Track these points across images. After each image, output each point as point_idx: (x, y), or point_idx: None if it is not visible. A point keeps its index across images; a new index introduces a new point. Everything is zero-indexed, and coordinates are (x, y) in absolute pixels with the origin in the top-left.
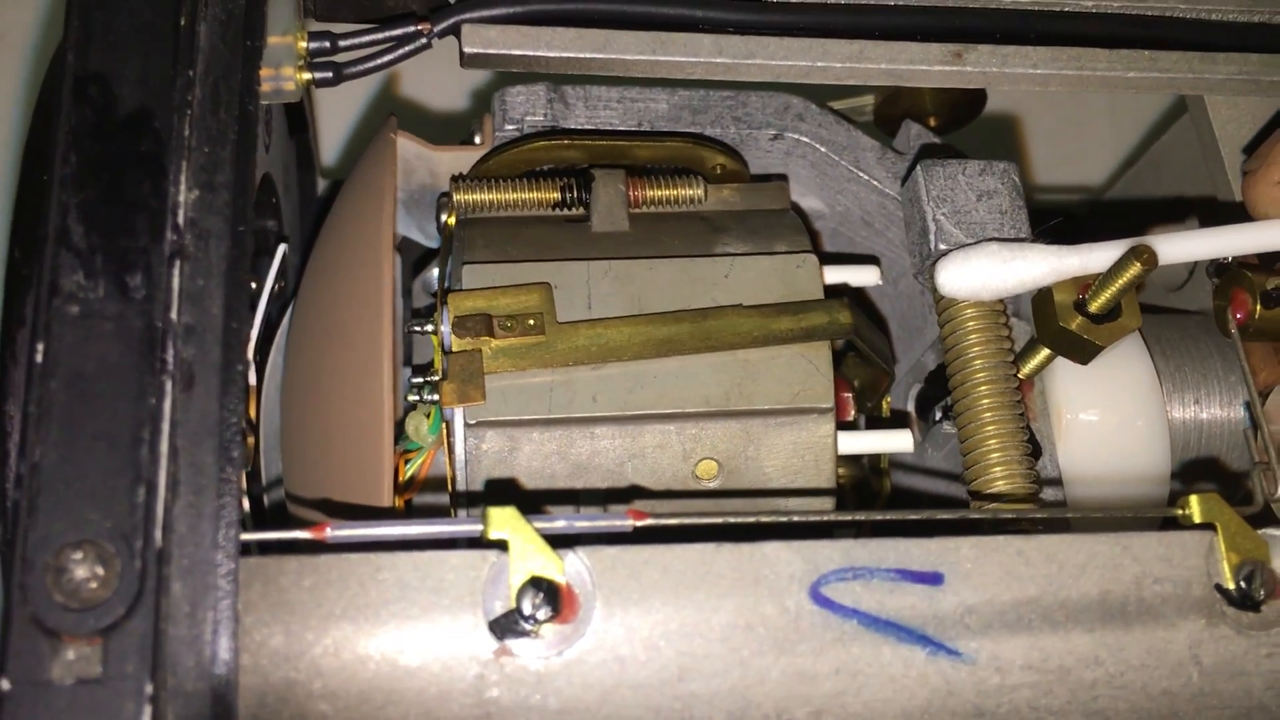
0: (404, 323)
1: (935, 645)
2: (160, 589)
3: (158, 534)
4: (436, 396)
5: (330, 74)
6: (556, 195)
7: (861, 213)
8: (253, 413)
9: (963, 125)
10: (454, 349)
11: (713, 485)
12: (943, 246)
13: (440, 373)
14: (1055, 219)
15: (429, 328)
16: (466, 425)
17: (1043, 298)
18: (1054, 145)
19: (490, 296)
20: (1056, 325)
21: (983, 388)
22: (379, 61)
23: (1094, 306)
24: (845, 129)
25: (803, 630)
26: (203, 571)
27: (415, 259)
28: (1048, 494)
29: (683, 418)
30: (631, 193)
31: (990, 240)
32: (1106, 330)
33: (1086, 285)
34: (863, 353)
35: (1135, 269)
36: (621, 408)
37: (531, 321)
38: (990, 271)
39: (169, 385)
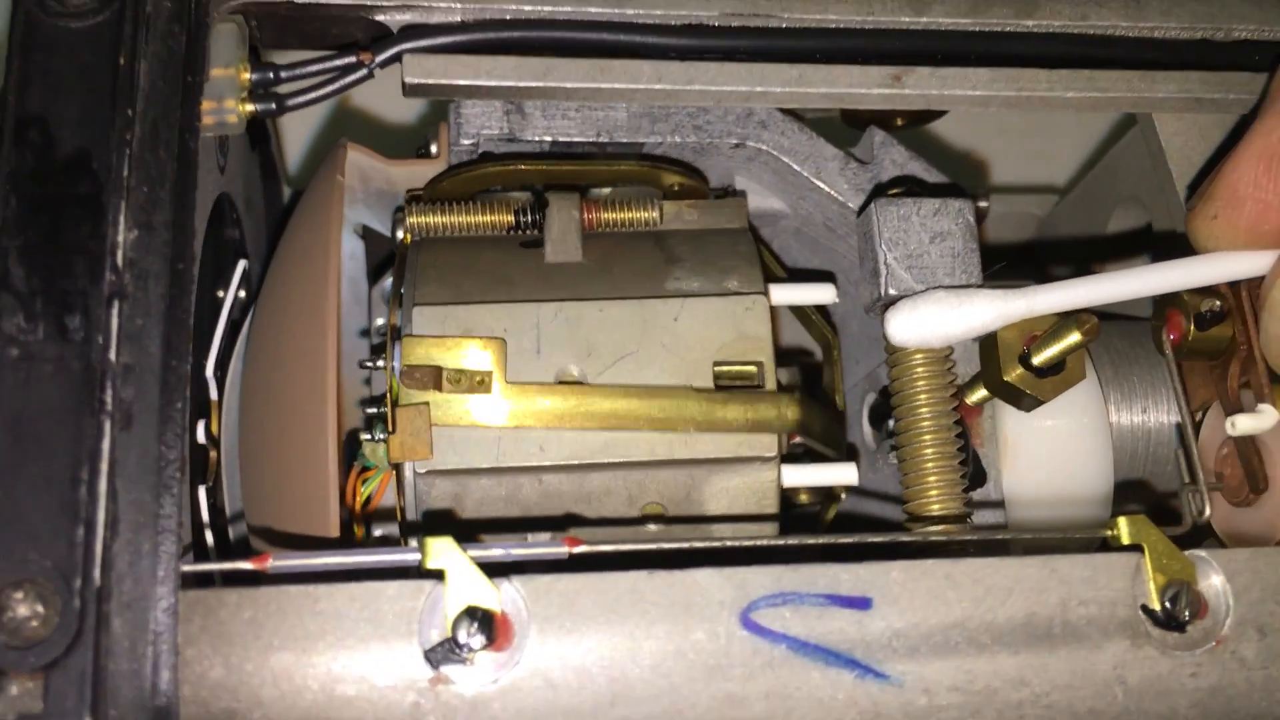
0: (364, 315)
1: (863, 669)
2: (100, 626)
3: (96, 572)
4: (384, 438)
5: (273, 105)
6: (511, 219)
7: (824, 218)
8: (215, 428)
9: (929, 123)
10: (401, 400)
11: (657, 529)
12: (893, 292)
13: (390, 419)
14: (1000, 263)
15: (381, 364)
16: (416, 474)
17: (989, 344)
18: (1017, 145)
19: (442, 346)
20: (1000, 378)
21: (926, 436)
22: (322, 92)
23: (1037, 362)
24: (808, 137)
25: (733, 656)
26: (142, 607)
27: (378, 260)
28: (986, 516)
29: (629, 466)
30: (587, 215)
31: (938, 288)
32: (1049, 384)
33: (1033, 337)
34: (812, 447)
35: (1076, 338)
36: (568, 457)
37: (480, 379)
38: (938, 319)
39: (108, 425)
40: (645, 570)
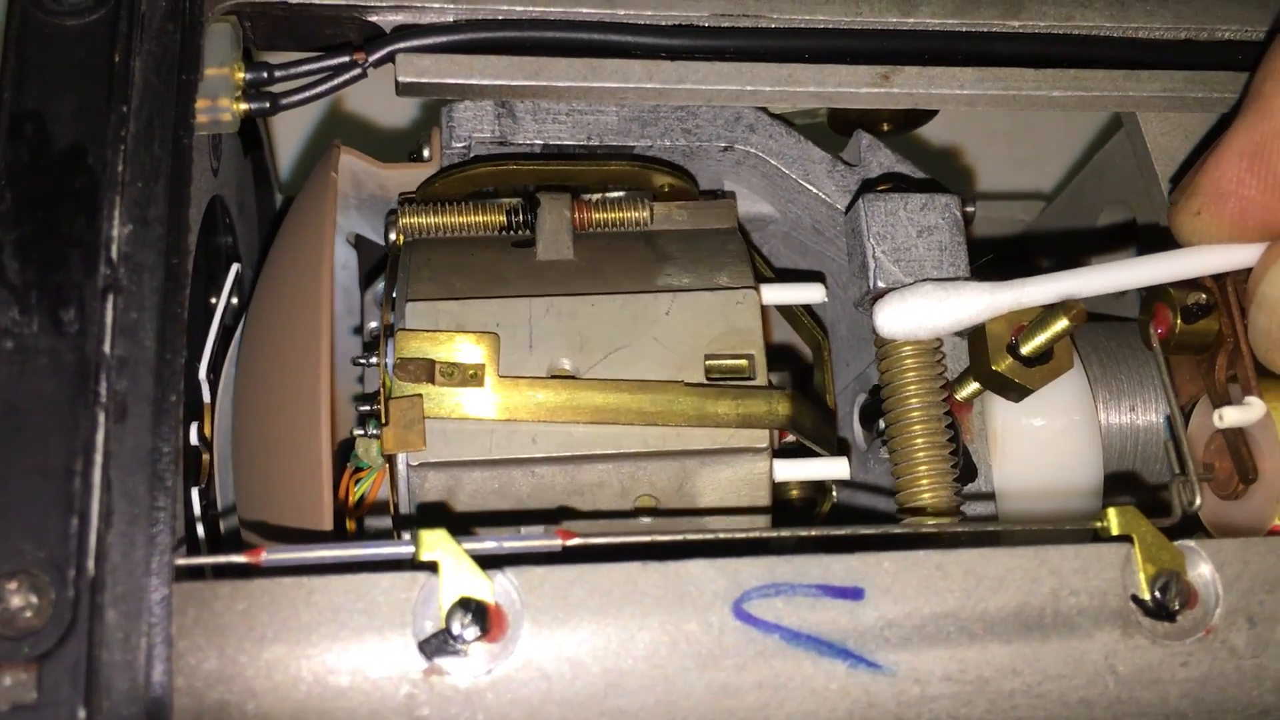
0: (357, 319)
1: (856, 658)
2: (94, 616)
3: (90, 563)
4: (378, 433)
5: (267, 104)
6: (503, 219)
7: (812, 221)
8: (208, 430)
9: (915, 128)
10: (394, 393)
11: (650, 522)
12: (881, 285)
13: (383, 410)
14: (987, 256)
15: (374, 360)
16: (409, 466)
17: (977, 336)
18: (1004, 151)
19: (434, 340)
20: (989, 367)
21: (916, 427)
22: (315, 91)
23: (1025, 351)
24: (795, 140)
25: (726, 646)
26: (136, 598)
27: (370, 266)
28: (977, 509)
29: (621, 458)
30: (577, 215)
31: (925, 280)
32: (1038, 373)
33: (1020, 327)
34: (802, 443)
35: (1063, 324)
36: (560, 449)
37: (472, 373)
38: (926, 311)
39: (102, 417)
40: (638, 562)
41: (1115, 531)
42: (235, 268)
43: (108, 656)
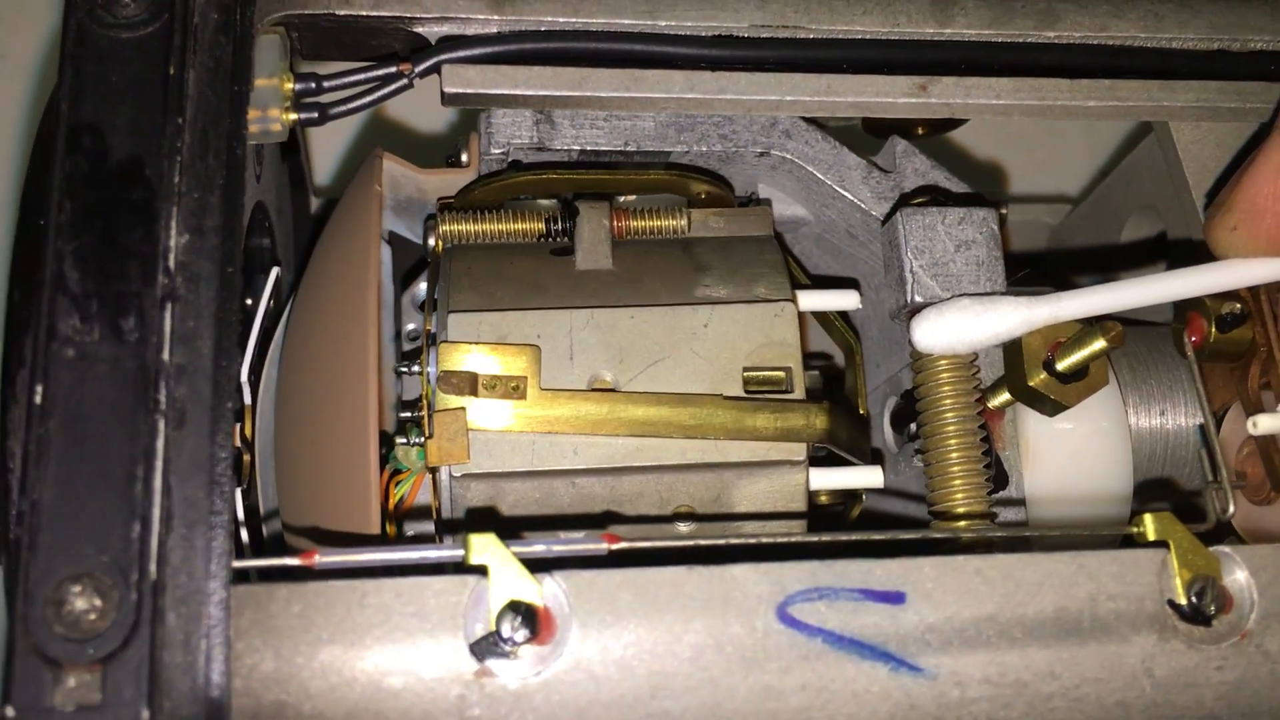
0: (392, 320)
1: (897, 662)
2: (156, 619)
3: (152, 567)
4: (422, 441)
5: (316, 114)
6: (541, 227)
7: (846, 225)
8: (249, 431)
9: (950, 130)
10: (438, 406)
11: (688, 529)
12: (919, 299)
13: (426, 417)
14: (1024, 270)
15: (416, 369)
16: (453, 478)
17: (1013, 350)
18: (1030, 154)
19: (478, 352)
20: (1025, 383)
21: (952, 441)
22: (362, 101)
23: (1062, 368)
24: (831, 146)
25: (770, 649)
26: (196, 601)
27: (407, 269)
28: (1010, 515)
29: (660, 470)
30: (616, 224)
31: (962, 295)
32: (1074, 390)
33: (1057, 343)
34: (839, 455)
35: (1101, 344)
36: (601, 461)
37: (515, 385)
38: (963, 326)
39: (162, 424)
40: (683, 566)
41: (1151, 537)
42: (276, 271)
43: (169, 658)
